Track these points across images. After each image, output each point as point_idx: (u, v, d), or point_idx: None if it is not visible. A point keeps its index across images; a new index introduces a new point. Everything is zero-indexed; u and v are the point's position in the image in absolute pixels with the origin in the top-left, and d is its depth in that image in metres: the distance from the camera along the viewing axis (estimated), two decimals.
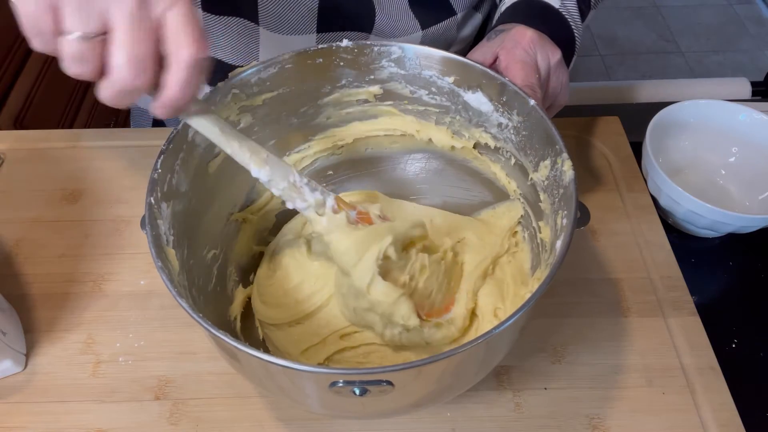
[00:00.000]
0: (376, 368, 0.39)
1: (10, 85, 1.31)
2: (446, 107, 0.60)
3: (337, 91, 0.61)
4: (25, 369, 0.60)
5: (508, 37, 0.57)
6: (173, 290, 0.43)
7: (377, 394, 0.41)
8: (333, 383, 0.40)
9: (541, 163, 0.53)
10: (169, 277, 0.44)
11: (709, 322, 0.62)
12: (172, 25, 0.37)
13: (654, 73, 2.34)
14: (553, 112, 0.62)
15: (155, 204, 0.48)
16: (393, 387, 0.40)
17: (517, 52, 0.56)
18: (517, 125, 0.56)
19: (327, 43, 0.57)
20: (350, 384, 0.40)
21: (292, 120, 0.62)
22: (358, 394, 0.41)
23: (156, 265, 0.44)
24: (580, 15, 0.64)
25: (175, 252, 0.48)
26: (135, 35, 0.36)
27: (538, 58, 0.56)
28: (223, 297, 0.58)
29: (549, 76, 0.58)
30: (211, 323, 0.41)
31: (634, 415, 0.57)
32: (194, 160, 0.54)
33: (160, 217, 0.48)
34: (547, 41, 0.58)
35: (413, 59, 0.58)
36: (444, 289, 0.57)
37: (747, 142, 0.75)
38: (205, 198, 0.56)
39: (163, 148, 0.50)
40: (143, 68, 0.37)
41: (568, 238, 0.45)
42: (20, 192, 0.75)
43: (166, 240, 0.48)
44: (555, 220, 0.51)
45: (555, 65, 0.58)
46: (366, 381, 0.40)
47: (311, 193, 0.51)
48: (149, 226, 0.46)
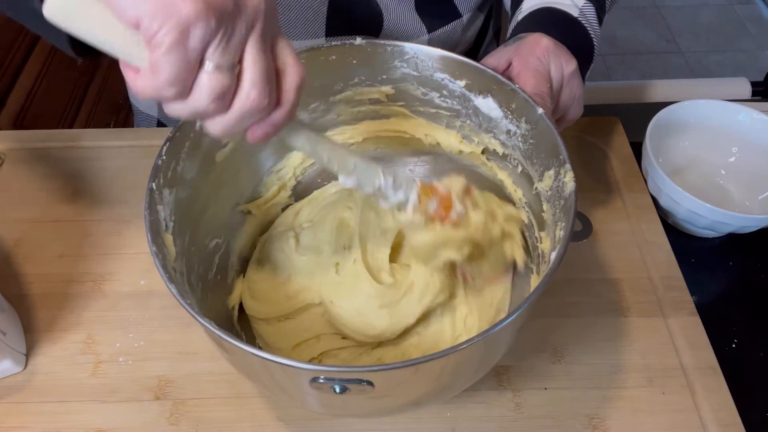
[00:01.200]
0: (356, 367, 0.40)
1: (10, 85, 1.31)
2: (457, 111, 0.60)
3: (350, 89, 0.61)
4: (25, 369, 0.60)
5: (524, 44, 0.57)
6: (164, 274, 0.43)
7: (358, 393, 0.41)
8: (314, 379, 0.40)
9: (545, 173, 0.53)
10: (162, 262, 0.44)
11: (709, 322, 0.62)
12: (281, 51, 0.38)
13: (654, 73, 2.34)
14: (563, 126, 0.60)
15: (156, 190, 0.48)
16: (373, 387, 0.40)
17: (530, 59, 0.55)
18: (525, 133, 0.55)
19: (340, 41, 0.57)
20: (330, 381, 0.40)
21: (303, 115, 0.61)
22: (338, 392, 0.40)
23: (150, 250, 0.44)
24: (598, 22, 0.63)
25: (173, 238, 0.48)
26: (262, 57, 0.36)
27: (552, 68, 0.56)
28: (223, 286, 0.59)
29: (561, 88, 0.57)
30: (197, 310, 0.41)
31: (634, 415, 0.57)
32: (201, 148, 0.54)
33: (161, 202, 0.48)
34: (563, 51, 0.56)
35: (426, 61, 0.58)
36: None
37: (747, 142, 0.75)
38: (210, 187, 0.56)
39: (170, 135, 0.50)
40: (270, 89, 0.37)
41: (562, 249, 0.44)
42: (20, 192, 0.75)
43: (165, 226, 0.48)
44: (554, 232, 0.51)
45: (569, 76, 0.57)
46: (346, 379, 0.40)
47: (394, 194, 0.50)
48: (147, 210, 0.46)
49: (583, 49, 0.60)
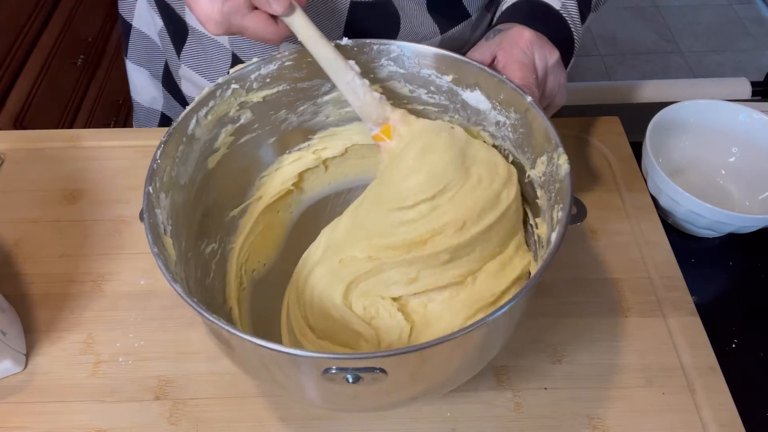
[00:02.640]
0: (369, 354, 0.40)
1: (10, 85, 1.31)
2: (445, 106, 0.60)
3: (337, 89, 0.60)
4: (25, 369, 0.61)
5: (507, 37, 0.58)
6: (168, 275, 0.43)
7: (370, 382, 0.41)
8: (326, 370, 0.40)
9: (538, 160, 0.54)
10: (165, 264, 0.44)
11: (709, 322, 0.62)
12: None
13: (654, 73, 2.34)
14: (550, 112, 0.62)
15: (153, 194, 0.48)
16: (386, 375, 0.40)
17: (515, 52, 0.56)
18: (515, 123, 0.56)
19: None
20: (343, 371, 0.40)
21: (291, 118, 0.62)
22: (351, 382, 0.40)
23: (152, 251, 0.44)
24: (580, 17, 0.64)
25: (172, 242, 0.49)
26: None
27: (536, 59, 0.57)
28: (221, 292, 0.58)
29: (546, 77, 0.58)
30: (204, 308, 0.41)
31: (634, 415, 0.57)
32: (194, 153, 0.54)
33: (158, 206, 0.48)
34: (545, 42, 0.58)
35: (412, 58, 0.58)
36: None
37: (747, 142, 0.75)
38: (204, 192, 0.56)
39: (163, 140, 0.50)
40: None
41: (563, 229, 0.45)
42: (20, 192, 0.75)
43: (163, 229, 0.48)
44: (551, 215, 0.51)
45: (552, 66, 0.58)
46: (359, 368, 0.40)
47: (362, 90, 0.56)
48: (147, 214, 0.47)
49: (564, 42, 0.60)
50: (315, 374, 0.41)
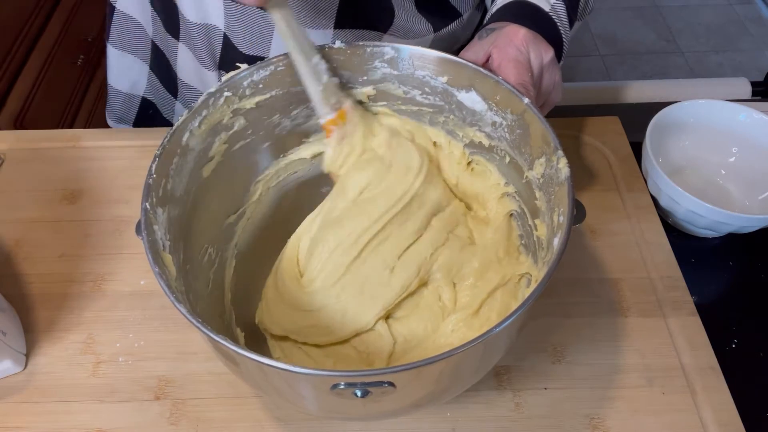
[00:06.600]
0: (377, 369, 0.40)
1: (10, 85, 1.31)
2: (440, 107, 0.60)
3: None
4: (25, 369, 0.61)
5: (501, 35, 0.57)
6: (171, 296, 0.43)
7: (379, 395, 0.41)
8: (334, 386, 0.40)
9: (536, 161, 0.53)
10: (167, 282, 0.44)
11: (709, 322, 0.62)
12: None
13: (654, 73, 2.34)
14: (546, 111, 0.62)
15: (150, 209, 0.48)
16: (395, 388, 0.40)
17: (509, 50, 0.56)
18: (511, 123, 0.55)
19: (318, 44, 0.56)
20: (352, 386, 0.40)
21: (285, 122, 0.61)
22: (360, 396, 0.41)
23: (154, 272, 0.44)
24: (568, 21, 0.64)
25: (171, 257, 0.48)
26: None
27: (531, 57, 0.56)
28: (220, 301, 0.58)
29: (542, 75, 0.58)
30: (210, 327, 0.41)
31: (634, 415, 0.57)
32: (188, 164, 0.54)
33: (156, 222, 0.48)
34: (540, 40, 0.58)
35: (406, 60, 0.58)
36: None
37: (747, 142, 0.75)
38: (200, 202, 0.56)
39: (158, 153, 0.50)
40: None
41: (565, 235, 0.45)
42: (20, 192, 0.75)
43: (162, 245, 0.48)
44: (551, 218, 0.51)
45: (548, 63, 0.58)
46: (368, 383, 0.40)
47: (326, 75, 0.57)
48: (145, 231, 0.46)
49: (553, 44, 0.60)
50: (323, 390, 0.41)
